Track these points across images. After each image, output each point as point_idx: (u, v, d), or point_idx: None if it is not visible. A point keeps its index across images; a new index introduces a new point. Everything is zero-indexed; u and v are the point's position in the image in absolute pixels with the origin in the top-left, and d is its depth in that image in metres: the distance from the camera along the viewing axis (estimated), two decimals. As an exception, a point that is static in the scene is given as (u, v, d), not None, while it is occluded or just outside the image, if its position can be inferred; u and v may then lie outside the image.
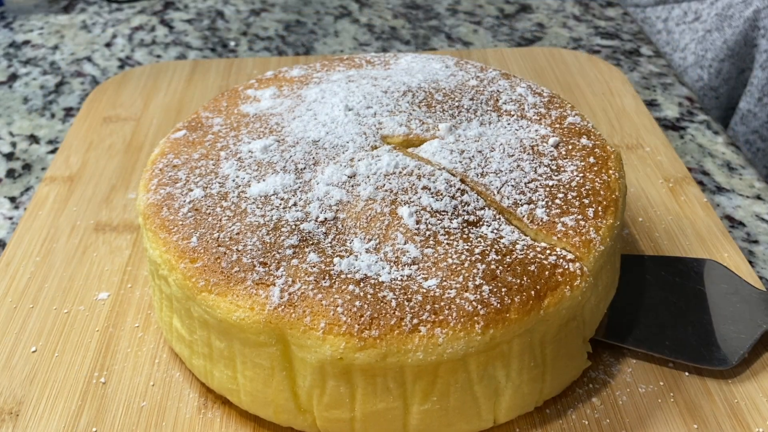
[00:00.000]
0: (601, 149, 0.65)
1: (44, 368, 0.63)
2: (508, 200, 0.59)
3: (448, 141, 0.65)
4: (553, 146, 0.64)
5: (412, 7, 1.31)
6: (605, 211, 0.59)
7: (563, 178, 0.61)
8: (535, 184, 0.60)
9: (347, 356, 0.50)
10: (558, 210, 0.58)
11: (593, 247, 0.56)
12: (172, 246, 0.57)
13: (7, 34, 1.23)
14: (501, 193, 0.60)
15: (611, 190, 0.61)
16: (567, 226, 0.57)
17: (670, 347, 0.62)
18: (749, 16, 1.08)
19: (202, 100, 0.99)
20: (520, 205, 0.59)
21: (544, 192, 0.60)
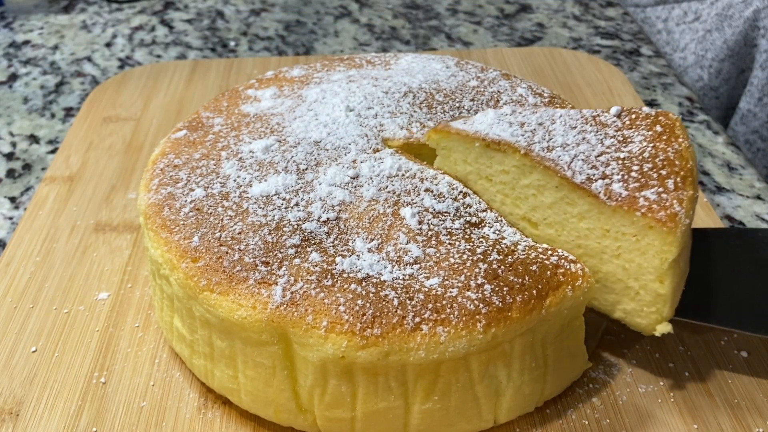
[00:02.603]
0: (665, 116, 0.60)
1: (44, 368, 0.63)
2: (581, 176, 0.55)
3: (505, 111, 0.62)
4: (615, 116, 0.61)
5: (412, 7, 1.31)
6: (684, 182, 0.55)
7: (633, 149, 0.57)
8: (606, 157, 0.57)
9: (349, 355, 0.50)
10: (636, 184, 0.55)
11: (679, 221, 0.52)
12: (173, 245, 0.57)
13: (7, 34, 1.23)
14: (572, 168, 0.56)
15: (685, 159, 0.57)
16: (649, 200, 0.53)
17: (753, 323, 0.58)
18: (749, 16, 1.08)
19: (202, 100, 0.99)
20: (593, 180, 0.55)
21: (617, 165, 0.56)
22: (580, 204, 0.57)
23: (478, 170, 0.62)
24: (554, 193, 0.58)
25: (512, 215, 0.62)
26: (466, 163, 0.63)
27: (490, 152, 0.60)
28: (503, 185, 0.61)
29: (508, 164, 0.60)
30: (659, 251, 0.54)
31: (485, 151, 0.61)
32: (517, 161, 0.59)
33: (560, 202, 0.58)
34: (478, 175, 0.62)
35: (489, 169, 0.61)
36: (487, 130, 0.60)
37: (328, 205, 0.58)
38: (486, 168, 0.61)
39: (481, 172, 0.62)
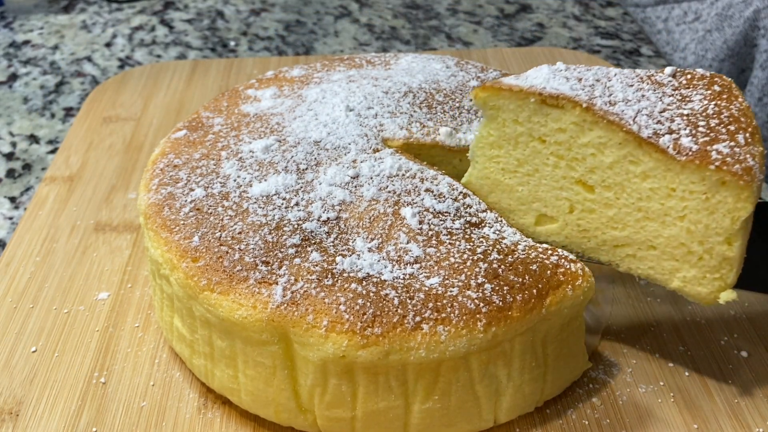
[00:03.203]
0: (720, 78, 0.58)
1: (44, 368, 0.63)
2: (647, 130, 0.52)
3: (558, 67, 0.59)
4: (670, 75, 0.58)
5: (412, 7, 1.31)
6: (752, 137, 0.52)
7: (695, 107, 0.54)
8: (669, 113, 0.54)
9: (350, 354, 0.50)
10: (706, 138, 0.52)
11: (755, 176, 0.50)
12: (173, 245, 0.57)
13: (7, 34, 1.23)
14: (637, 122, 0.53)
15: (749, 117, 0.54)
16: (722, 153, 0.50)
17: None
18: (749, 16, 1.08)
19: (202, 100, 0.99)
20: (660, 135, 0.52)
21: (682, 121, 0.53)
22: (645, 161, 0.53)
23: (531, 130, 0.58)
24: (617, 150, 0.54)
25: (566, 179, 0.58)
26: (516, 123, 0.58)
27: (546, 109, 0.56)
28: (558, 146, 0.57)
29: (566, 121, 0.56)
30: (731, 209, 0.51)
31: (540, 108, 0.56)
32: (577, 117, 0.55)
33: (622, 161, 0.54)
34: (530, 136, 0.58)
35: (543, 129, 0.57)
36: (543, 84, 0.56)
37: (329, 205, 0.58)
38: (540, 127, 0.57)
39: (534, 132, 0.58)
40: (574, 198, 0.59)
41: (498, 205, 0.63)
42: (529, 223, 0.62)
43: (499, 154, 0.61)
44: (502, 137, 0.60)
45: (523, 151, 0.59)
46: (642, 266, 0.58)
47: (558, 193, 0.59)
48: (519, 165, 0.60)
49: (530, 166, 0.59)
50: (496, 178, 0.62)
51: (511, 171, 0.61)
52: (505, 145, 0.60)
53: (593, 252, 0.60)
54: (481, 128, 0.61)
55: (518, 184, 0.61)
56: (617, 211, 0.57)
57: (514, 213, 0.63)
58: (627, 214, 0.56)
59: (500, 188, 0.62)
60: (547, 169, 0.59)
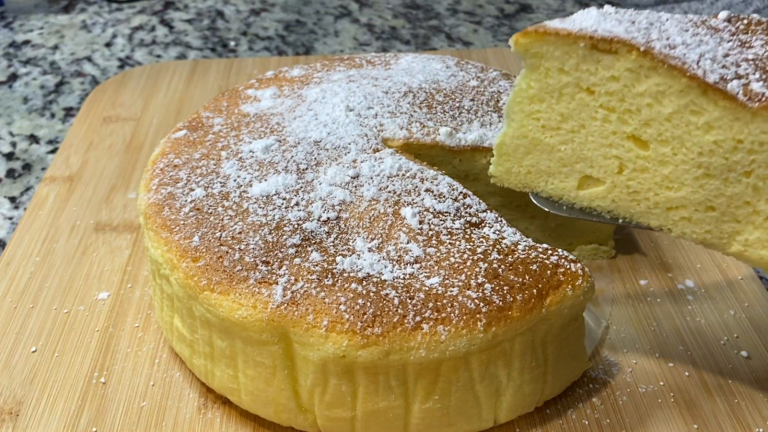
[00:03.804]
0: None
1: (44, 368, 0.63)
2: (713, 75, 0.47)
3: (607, 10, 0.54)
4: (725, 20, 0.54)
5: (412, 7, 1.31)
6: None
7: (758, 52, 0.50)
8: (733, 58, 0.49)
9: (350, 354, 0.50)
10: None
11: None
12: (173, 245, 0.57)
13: (7, 34, 1.23)
14: (702, 66, 0.48)
15: None
16: None
17: None
18: (749, 17, 1.08)
19: (202, 100, 0.99)
20: (728, 80, 0.47)
21: (749, 65, 0.48)
22: (709, 111, 0.48)
23: (578, 80, 0.53)
24: (677, 99, 0.49)
25: (616, 134, 0.53)
26: (561, 72, 0.53)
27: (596, 55, 0.51)
28: (609, 97, 0.52)
29: (620, 68, 0.50)
30: None
31: (590, 54, 0.51)
32: (633, 63, 0.50)
33: (683, 111, 0.49)
34: (577, 87, 0.53)
35: (592, 78, 0.52)
36: (594, 27, 0.51)
37: (329, 205, 0.58)
38: (589, 76, 0.52)
39: (582, 82, 0.53)
40: (625, 156, 0.54)
41: (536, 167, 0.58)
42: (571, 186, 0.57)
43: (539, 109, 0.55)
44: (544, 89, 0.55)
45: (568, 104, 0.54)
46: (698, 230, 0.53)
47: (606, 151, 0.54)
48: (562, 120, 0.55)
49: (575, 121, 0.54)
50: (535, 136, 0.57)
51: (553, 128, 0.56)
52: (547, 98, 0.55)
53: (642, 216, 0.55)
54: (520, 80, 0.55)
55: (561, 143, 0.56)
56: (674, 168, 0.51)
57: (553, 176, 0.58)
58: (685, 171, 0.51)
59: (539, 148, 0.57)
60: (595, 124, 0.54)
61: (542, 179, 0.59)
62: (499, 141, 0.59)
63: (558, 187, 0.58)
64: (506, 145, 0.59)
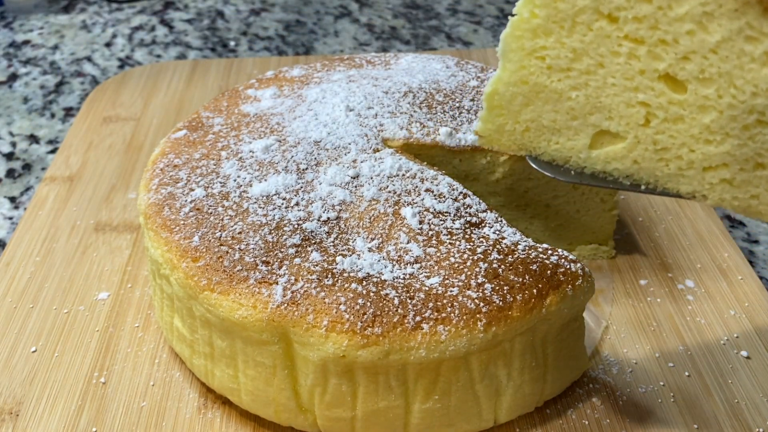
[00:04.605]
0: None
1: (44, 368, 0.63)
2: None
3: None
4: None
5: (412, 7, 1.31)
6: None
7: None
8: None
9: (350, 354, 0.50)
10: None
11: None
12: (173, 245, 0.57)
13: (7, 34, 1.23)
14: None
15: None
16: None
17: None
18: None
19: (202, 100, 0.99)
20: None
21: None
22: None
23: (597, 3, 0.41)
24: (728, 23, 0.39)
25: (645, 74, 0.42)
26: None
27: None
28: (638, 24, 0.41)
29: None
30: None
31: None
32: None
33: (736, 39, 0.39)
34: (596, 13, 0.41)
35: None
36: None
37: (329, 205, 0.58)
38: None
39: (603, 5, 0.41)
40: (655, 102, 0.42)
41: (537, 123, 0.46)
42: (582, 145, 0.46)
43: (545, 44, 0.44)
44: (552, 18, 0.43)
45: (582, 36, 0.42)
46: (741, 195, 0.43)
47: (630, 97, 0.43)
48: (575, 59, 0.43)
49: (592, 59, 0.43)
50: (539, 81, 0.45)
51: (563, 69, 0.44)
52: (555, 29, 0.43)
53: (671, 180, 0.45)
54: (520, 6, 0.43)
55: (571, 89, 0.44)
56: (717, 116, 0.41)
57: (559, 133, 0.47)
58: (732, 119, 0.40)
59: (542, 97, 0.45)
60: (618, 61, 0.42)
61: (544, 138, 0.48)
62: (490, 89, 0.47)
63: (565, 147, 0.48)
64: (500, 95, 0.47)
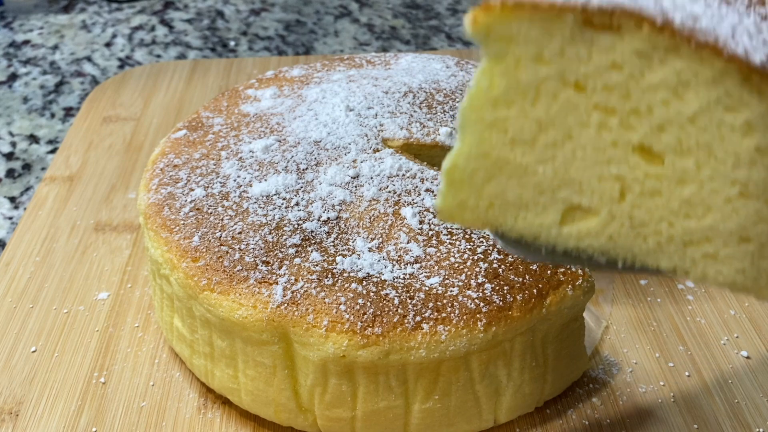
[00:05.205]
0: None
1: (44, 368, 0.63)
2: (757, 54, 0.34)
3: None
4: None
5: (412, 7, 1.31)
6: None
7: None
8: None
9: (350, 354, 0.50)
10: None
11: None
12: (173, 245, 0.57)
13: (7, 34, 1.23)
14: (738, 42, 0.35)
15: None
16: None
17: None
18: (749, 17, 1.08)
19: (202, 100, 0.99)
20: None
21: None
22: (751, 105, 0.35)
23: (563, 72, 0.37)
24: (706, 91, 0.35)
25: (617, 146, 0.38)
26: (539, 61, 0.38)
27: (589, 34, 0.36)
28: (608, 93, 0.37)
29: (625, 50, 0.36)
30: None
31: (581, 32, 0.36)
32: (644, 42, 0.35)
33: (714, 108, 0.36)
34: (562, 82, 0.38)
35: (584, 67, 0.37)
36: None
37: (329, 205, 0.58)
38: (579, 65, 0.37)
39: (569, 73, 0.37)
40: (629, 175, 0.39)
41: (501, 198, 0.42)
42: (552, 221, 0.42)
43: (507, 115, 0.39)
44: (514, 88, 0.39)
45: (548, 107, 0.39)
46: (726, 270, 0.39)
47: (603, 170, 0.39)
48: (540, 130, 0.39)
49: (559, 130, 0.39)
50: (501, 155, 0.41)
51: (527, 142, 0.40)
52: (518, 100, 0.39)
53: (650, 256, 0.41)
54: (479, 77, 0.39)
55: (537, 162, 0.40)
56: (698, 188, 0.38)
57: (526, 209, 0.42)
58: (713, 192, 0.37)
59: (506, 171, 0.41)
60: (587, 132, 0.39)
61: (510, 214, 0.42)
62: (449, 164, 0.42)
63: (533, 224, 0.42)
64: (460, 169, 0.42)
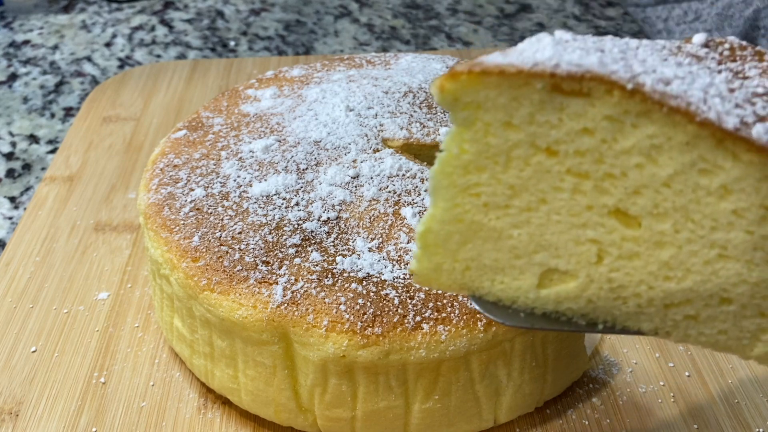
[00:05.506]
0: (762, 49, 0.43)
1: (44, 368, 0.63)
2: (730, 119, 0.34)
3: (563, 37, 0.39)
4: (702, 45, 0.41)
5: (412, 7, 1.31)
6: None
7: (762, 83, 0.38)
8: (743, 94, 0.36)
9: (350, 354, 0.50)
10: None
11: None
12: (173, 245, 0.57)
13: (7, 34, 1.23)
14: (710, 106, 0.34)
15: None
16: None
17: None
18: (749, 16, 1.08)
19: (202, 100, 0.99)
20: (750, 125, 0.34)
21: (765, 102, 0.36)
22: (726, 168, 0.35)
23: (534, 137, 0.37)
24: (680, 156, 0.35)
25: (592, 210, 0.38)
26: (509, 127, 0.37)
27: (559, 99, 0.36)
28: (580, 158, 0.37)
29: (596, 116, 0.36)
30: None
31: (551, 98, 0.36)
32: (615, 107, 0.35)
33: (689, 172, 0.36)
34: (533, 147, 0.38)
35: (555, 132, 0.37)
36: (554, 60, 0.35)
37: (329, 205, 0.58)
38: (549, 130, 0.37)
39: (539, 139, 0.37)
40: (606, 239, 0.39)
41: (477, 262, 0.42)
42: (529, 285, 0.42)
43: (479, 181, 0.40)
44: (484, 153, 0.39)
45: (520, 172, 0.39)
46: (708, 331, 0.40)
47: (578, 234, 0.40)
48: (513, 195, 0.40)
49: (532, 195, 0.39)
50: (475, 219, 0.41)
51: (500, 206, 0.40)
52: (489, 165, 0.39)
53: (631, 319, 0.41)
54: (448, 142, 0.39)
55: (512, 227, 0.40)
56: (676, 251, 0.38)
57: (503, 272, 0.42)
58: (692, 254, 0.38)
59: (481, 235, 0.41)
60: (562, 197, 0.39)
61: (487, 277, 0.42)
62: (423, 228, 0.42)
63: (510, 287, 0.42)
64: (434, 233, 0.41)
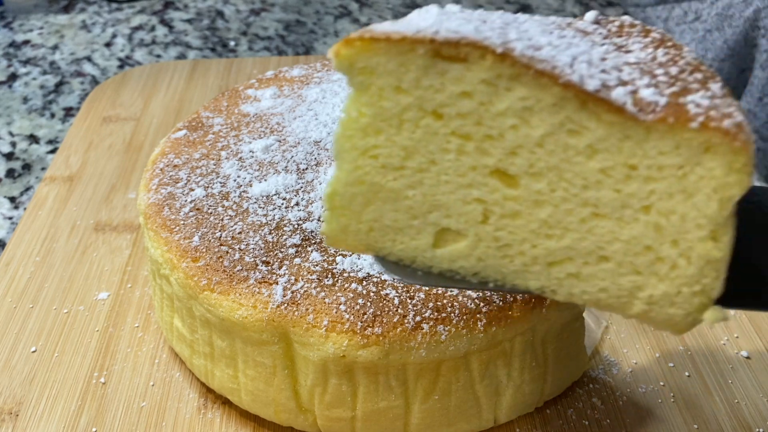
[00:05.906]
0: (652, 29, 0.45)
1: (44, 368, 0.63)
2: (592, 81, 0.36)
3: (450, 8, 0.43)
4: (593, 22, 0.44)
5: (412, 7, 1.31)
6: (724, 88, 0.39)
7: (639, 55, 0.40)
8: (614, 62, 0.39)
9: (350, 354, 0.50)
10: (673, 88, 0.37)
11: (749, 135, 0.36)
12: (173, 245, 0.57)
13: (7, 34, 1.23)
14: (577, 71, 0.37)
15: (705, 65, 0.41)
16: (702, 106, 0.36)
17: None
18: (749, 16, 1.08)
19: (202, 100, 0.99)
20: (611, 87, 0.36)
21: (633, 70, 0.38)
22: (591, 128, 0.37)
23: (421, 101, 0.40)
24: (549, 116, 0.38)
25: (476, 170, 0.41)
26: (399, 92, 0.40)
27: (441, 65, 0.38)
28: (462, 120, 0.40)
29: (473, 80, 0.38)
30: (719, 186, 0.36)
31: (434, 63, 0.38)
32: (488, 71, 0.38)
33: (558, 132, 0.38)
34: (421, 110, 0.40)
35: (439, 96, 0.39)
36: (435, 27, 0.38)
37: (329, 205, 0.58)
38: (434, 94, 0.39)
39: (426, 103, 0.40)
40: (490, 198, 0.41)
41: (379, 222, 0.44)
42: (426, 244, 0.44)
43: (376, 143, 0.42)
44: (379, 116, 0.41)
45: (411, 134, 0.41)
46: (589, 288, 0.42)
47: (465, 194, 0.42)
48: (406, 157, 0.42)
49: (423, 156, 0.41)
50: (375, 180, 0.43)
51: (396, 168, 0.42)
52: (384, 128, 0.41)
53: (518, 277, 0.43)
54: (348, 106, 0.41)
55: (407, 187, 0.42)
56: (553, 210, 0.40)
57: (402, 232, 0.44)
58: (567, 212, 0.40)
59: (381, 196, 0.43)
60: (448, 158, 0.41)
61: (389, 238, 0.44)
62: (329, 190, 0.44)
63: (409, 247, 0.44)
64: (339, 195, 0.44)
